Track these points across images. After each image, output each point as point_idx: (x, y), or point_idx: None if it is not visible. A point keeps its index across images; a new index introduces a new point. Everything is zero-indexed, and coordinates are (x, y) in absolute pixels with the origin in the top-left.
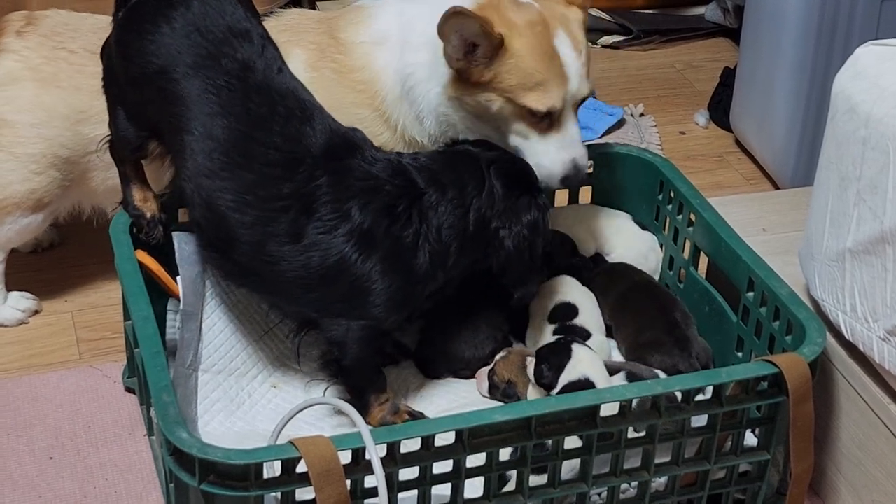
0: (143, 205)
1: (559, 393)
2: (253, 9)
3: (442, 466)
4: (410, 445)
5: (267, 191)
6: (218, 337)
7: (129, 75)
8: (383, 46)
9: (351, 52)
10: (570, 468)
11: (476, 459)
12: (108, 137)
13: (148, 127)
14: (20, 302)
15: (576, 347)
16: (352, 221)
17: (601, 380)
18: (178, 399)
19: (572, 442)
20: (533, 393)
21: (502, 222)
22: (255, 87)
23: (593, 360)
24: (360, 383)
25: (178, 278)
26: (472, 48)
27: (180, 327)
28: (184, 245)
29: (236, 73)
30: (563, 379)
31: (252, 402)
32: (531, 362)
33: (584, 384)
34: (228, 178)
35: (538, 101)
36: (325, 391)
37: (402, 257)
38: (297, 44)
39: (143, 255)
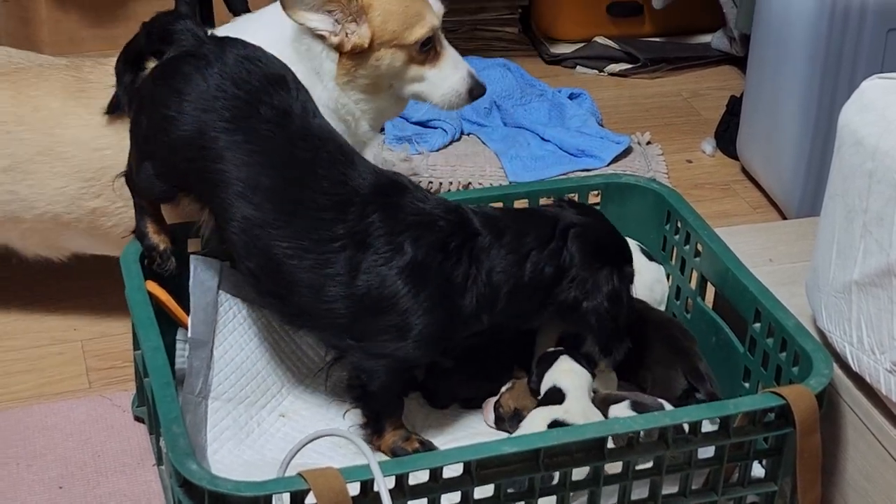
0: (156, 237)
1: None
2: None
3: (450, 498)
4: (419, 477)
5: (321, 234)
6: (228, 365)
7: (162, 134)
8: None
9: None
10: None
11: (484, 491)
12: (124, 172)
13: (178, 183)
14: None
15: (561, 358)
16: (405, 254)
17: (573, 389)
18: (188, 427)
19: (580, 473)
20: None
21: (583, 294)
22: (297, 133)
23: (571, 371)
24: (380, 409)
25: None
26: (335, 19)
27: (189, 355)
28: (199, 271)
29: (276, 121)
30: (543, 387)
31: (261, 430)
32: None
33: (552, 391)
34: (282, 227)
35: (423, 29)
36: (344, 414)
37: (450, 296)
38: None
39: (153, 286)
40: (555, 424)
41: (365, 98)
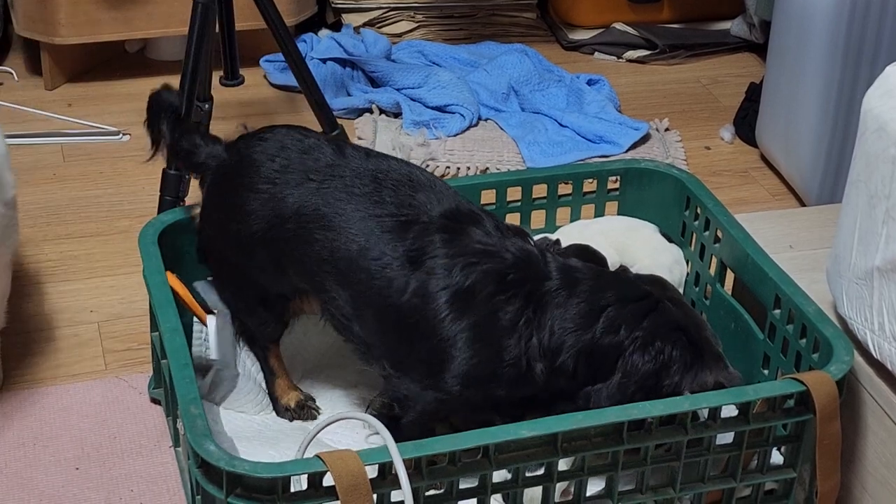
0: None
1: None
2: None
3: (468, 482)
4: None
5: (380, 251)
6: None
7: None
8: None
9: None
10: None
11: (502, 475)
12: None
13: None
14: None
15: None
16: (453, 277)
17: None
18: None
19: (598, 458)
20: None
21: (633, 338)
22: (353, 172)
23: None
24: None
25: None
26: None
27: (218, 370)
28: (209, 295)
29: (327, 172)
30: None
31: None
32: None
33: None
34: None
35: None
36: (367, 408)
37: (492, 332)
38: None
39: (173, 280)
40: None
41: None
